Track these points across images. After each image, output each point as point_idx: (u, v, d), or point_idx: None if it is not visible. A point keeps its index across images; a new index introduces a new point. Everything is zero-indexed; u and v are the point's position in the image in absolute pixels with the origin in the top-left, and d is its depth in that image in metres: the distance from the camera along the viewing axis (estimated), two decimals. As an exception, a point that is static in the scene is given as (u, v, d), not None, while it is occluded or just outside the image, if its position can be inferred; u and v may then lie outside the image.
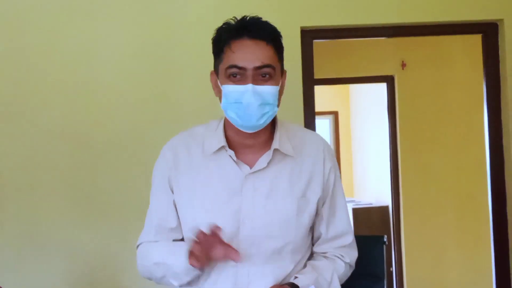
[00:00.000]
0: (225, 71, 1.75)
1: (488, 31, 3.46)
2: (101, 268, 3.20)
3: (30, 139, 3.21)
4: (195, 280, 1.84)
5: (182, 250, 1.79)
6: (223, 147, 1.83)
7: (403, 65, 5.57)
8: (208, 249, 1.72)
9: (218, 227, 1.69)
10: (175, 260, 1.80)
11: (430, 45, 5.39)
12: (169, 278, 1.84)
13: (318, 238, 1.93)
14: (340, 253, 1.92)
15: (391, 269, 5.65)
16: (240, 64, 1.73)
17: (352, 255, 1.95)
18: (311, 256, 1.94)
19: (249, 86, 1.72)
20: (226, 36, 1.77)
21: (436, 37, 4.79)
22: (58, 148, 3.21)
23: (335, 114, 8.42)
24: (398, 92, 5.62)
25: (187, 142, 1.89)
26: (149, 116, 3.25)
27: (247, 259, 1.79)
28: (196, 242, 1.72)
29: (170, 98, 3.27)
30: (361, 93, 7.53)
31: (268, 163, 1.82)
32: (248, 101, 1.73)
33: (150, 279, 1.93)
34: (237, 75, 1.74)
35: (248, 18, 1.80)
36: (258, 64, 1.74)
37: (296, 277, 1.80)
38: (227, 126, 1.86)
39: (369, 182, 7.32)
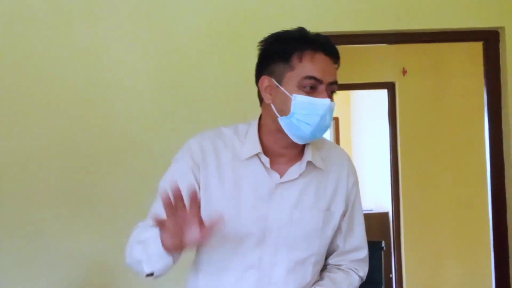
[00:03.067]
0: (300, 80, 1.74)
1: (489, 39, 3.47)
2: (101, 272, 3.20)
3: (32, 142, 3.20)
4: (165, 269, 1.70)
5: (153, 228, 1.66)
6: (257, 154, 1.82)
7: (404, 71, 5.58)
8: (183, 225, 1.57)
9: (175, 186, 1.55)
10: (148, 238, 1.68)
11: (431, 52, 5.40)
12: (143, 263, 1.70)
13: (334, 251, 1.95)
14: (355, 266, 1.95)
15: (390, 275, 5.64)
16: (319, 76, 1.75)
17: (365, 269, 1.98)
18: (324, 268, 1.95)
19: (328, 100, 1.75)
20: (300, 46, 1.76)
21: (437, 44, 4.79)
22: (56, 152, 3.21)
23: (335, 120, 8.42)
24: (398, 99, 5.63)
25: (214, 142, 1.85)
26: (152, 120, 3.25)
27: (270, 267, 1.81)
28: (170, 212, 1.55)
29: (172, 103, 3.26)
30: (362, 100, 7.54)
31: (299, 175, 1.83)
32: (324, 115, 1.75)
33: (133, 270, 1.79)
34: (312, 87, 1.75)
35: (313, 33, 1.81)
36: (332, 80, 1.78)
37: None
38: (264, 133, 1.84)
39: (369, 188, 7.31)
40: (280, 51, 1.78)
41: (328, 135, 8.35)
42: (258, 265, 1.81)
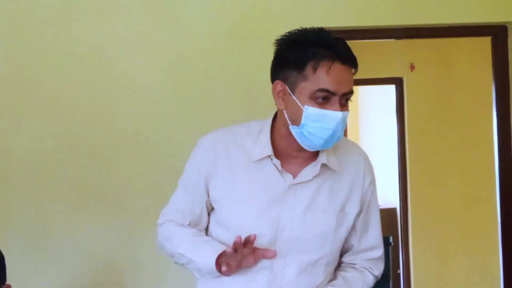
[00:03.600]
0: (313, 92, 1.70)
1: (497, 34, 3.45)
2: (108, 269, 3.21)
3: (39, 138, 3.21)
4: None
5: (208, 249, 1.80)
6: (269, 156, 1.80)
7: (412, 67, 5.57)
8: (241, 259, 1.74)
9: (253, 236, 1.71)
10: (199, 258, 1.81)
11: (439, 47, 5.38)
12: (191, 269, 1.87)
13: (349, 249, 1.94)
14: (369, 265, 1.94)
15: (398, 271, 5.64)
16: (333, 89, 1.70)
17: (380, 268, 1.97)
18: (338, 266, 1.94)
19: (340, 114, 1.71)
20: (315, 54, 1.70)
21: (445, 39, 4.78)
22: (64, 148, 3.21)
23: (343, 115, 8.41)
24: (406, 94, 5.62)
25: (226, 142, 1.86)
26: (159, 117, 3.25)
27: (282, 268, 1.80)
28: (232, 252, 1.72)
29: (181, 100, 3.26)
30: (370, 95, 7.52)
31: (312, 177, 1.81)
32: (336, 128, 1.72)
33: (167, 255, 1.95)
34: (324, 97, 1.71)
35: (332, 37, 1.75)
36: (347, 90, 1.74)
37: None
38: (277, 135, 1.83)
39: (377, 184, 7.30)
40: (294, 58, 1.72)
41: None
42: (269, 266, 1.81)
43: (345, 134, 8.34)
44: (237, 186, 1.82)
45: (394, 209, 6.17)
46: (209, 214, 1.93)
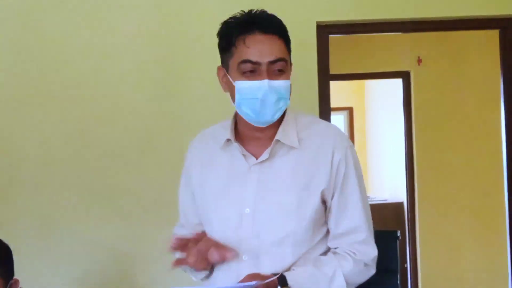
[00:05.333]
0: (238, 66, 1.75)
1: (506, 26, 3.43)
2: (115, 265, 3.22)
3: (46, 135, 3.22)
4: (207, 274, 1.92)
5: None
6: (230, 140, 1.86)
7: (419, 60, 5.54)
8: (204, 253, 1.78)
9: (201, 234, 1.84)
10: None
11: (447, 41, 5.36)
12: (189, 273, 1.96)
13: (330, 233, 1.88)
14: (352, 250, 1.83)
15: (405, 265, 5.63)
16: (255, 59, 1.72)
17: (367, 252, 1.85)
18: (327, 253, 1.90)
19: (266, 81, 1.72)
20: (236, 31, 1.76)
21: (453, 32, 4.75)
22: (72, 145, 3.22)
23: (350, 109, 8.39)
24: (413, 88, 5.59)
25: (205, 138, 1.95)
26: (162, 115, 3.25)
27: (249, 250, 1.81)
28: (192, 245, 1.79)
29: (182, 98, 3.25)
30: (377, 89, 7.50)
31: (273, 155, 1.82)
32: (265, 97, 1.73)
33: None
34: (251, 70, 1.73)
35: (256, 12, 1.80)
36: (272, 58, 1.74)
37: (292, 270, 1.79)
38: (238, 120, 1.88)
39: (384, 178, 7.29)
40: (223, 39, 1.80)
41: (342, 124, 8.34)
42: (239, 248, 1.81)
43: (352, 128, 8.36)
44: (210, 173, 1.88)
45: (401, 204, 6.16)
46: None
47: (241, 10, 1.82)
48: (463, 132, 5.49)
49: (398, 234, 2.30)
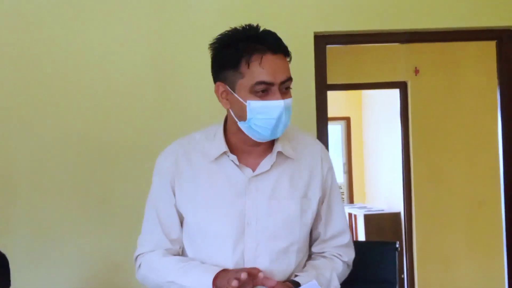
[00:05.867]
0: (251, 86, 1.76)
1: (503, 38, 3.44)
2: (110, 271, 3.21)
3: (41, 141, 3.21)
4: None
5: (201, 272, 1.81)
6: (225, 152, 1.86)
7: (416, 71, 5.56)
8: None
9: (256, 271, 1.74)
10: (192, 282, 1.81)
11: (444, 52, 5.38)
12: None
13: (317, 238, 1.97)
14: (338, 252, 1.95)
15: (402, 276, 5.62)
16: (269, 80, 1.76)
17: (349, 254, 1.98)
18: (309, 258, 1.96)
19: (282, 102, 1.77)
20: (247, 52, 1.76)
21: (450, 43, 4.77)
22: (68, 150, 3.22)
23: (347, 119, 8.41)
24: (411, 98, 5.61)
25: (186, 149, 1.93)
26: (160, 120, 3.25)
27: (254, 259, 1.82)
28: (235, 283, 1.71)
29: (180, 102, 3.26)
30: (374, 99, 7.52)
31: (271, 166, 1.86)
32: (280, 116, 1.77)
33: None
34: (264, 90, 1.76)
35: (260, 30, 1.81)
36: (284, 78, 1.79)
37: (296, 275, 1.84)
38: (230, 133, 1.89)
39: (381, 188, 7.30)
40: (228, 57, 1.79)
41: (339, 134, 8.35)
42: (241, 259, 1.83)
43: (349, 138, 8.37)
44: (200, 187, 1.87)
45: (398, 214, 6.17)
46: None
47: (240, 26, 1.82)
48: (460, 142, 5.50)
49: (397, 245, 2.29)
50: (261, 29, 1.81)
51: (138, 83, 3.26)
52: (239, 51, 1.77)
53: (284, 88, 1.79)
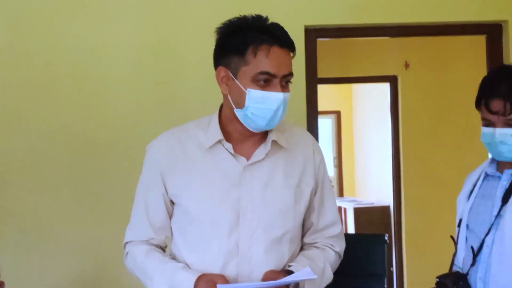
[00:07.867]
0: (254, 75, 1.78)
1: (492, 32, 3.46)
2: (105, 266, 3.20)
3: (35, 138, 3.21)
4: None
5: (184, 274, 1.82)
6: (220, 141, 1.87)
7: (407, 65, 5.57)
8: None
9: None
10: (175, 284, 1.83)
11: (434, 46, 5.39)
12: None
13: (309, 229, 1.99)
14: (330, 242, 1.98)
15: (391, 269, 5.65)
16: (273, 71, 1.79)
17: (341, 244, 2.01)
18: (301, 250, 1.98)
19: (281, 94, 1.80)
20: (256, 40, 1.79)
21: (440, 37, 4.79)
22: (63, 147, 3.21)
23: (337, 113, 8.42)
24: (401, 92, 5.62)
25: (180, 138, 1.93)
26: (155, 116, 3.24)
27: (249, 249, 1.84)
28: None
29: (176, 98, 3.26)
30: (364, 93, 7.53)
31: (265, 155, 1.88)
32: (278, 108, 1.80)
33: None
34: (265, 80, 1.79)
35: (270, 22, 1.83)
36: (286, 72, 1.82)
37: (290, 265, 1.86)
38: (225, 122, 1.90)
39: (371, 182, 7.32)
40: (236, 44, 1.80)
41: (329, 128, 8.36)
42: (236, 248, 1.84)
43: (339, 131, 8.39)
44: (195, 176, 1.87)
45: (387, 207, 6.19)
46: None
47: (249, 14, 1.84)
48: (450, 136, 5.52)
49: (386, 238, 2.30)
50: (268, 21, 1.84)
51: (133, 79, 3.26)
52: (248, 39, 1.79)
53: (285, 82, 1.82)
